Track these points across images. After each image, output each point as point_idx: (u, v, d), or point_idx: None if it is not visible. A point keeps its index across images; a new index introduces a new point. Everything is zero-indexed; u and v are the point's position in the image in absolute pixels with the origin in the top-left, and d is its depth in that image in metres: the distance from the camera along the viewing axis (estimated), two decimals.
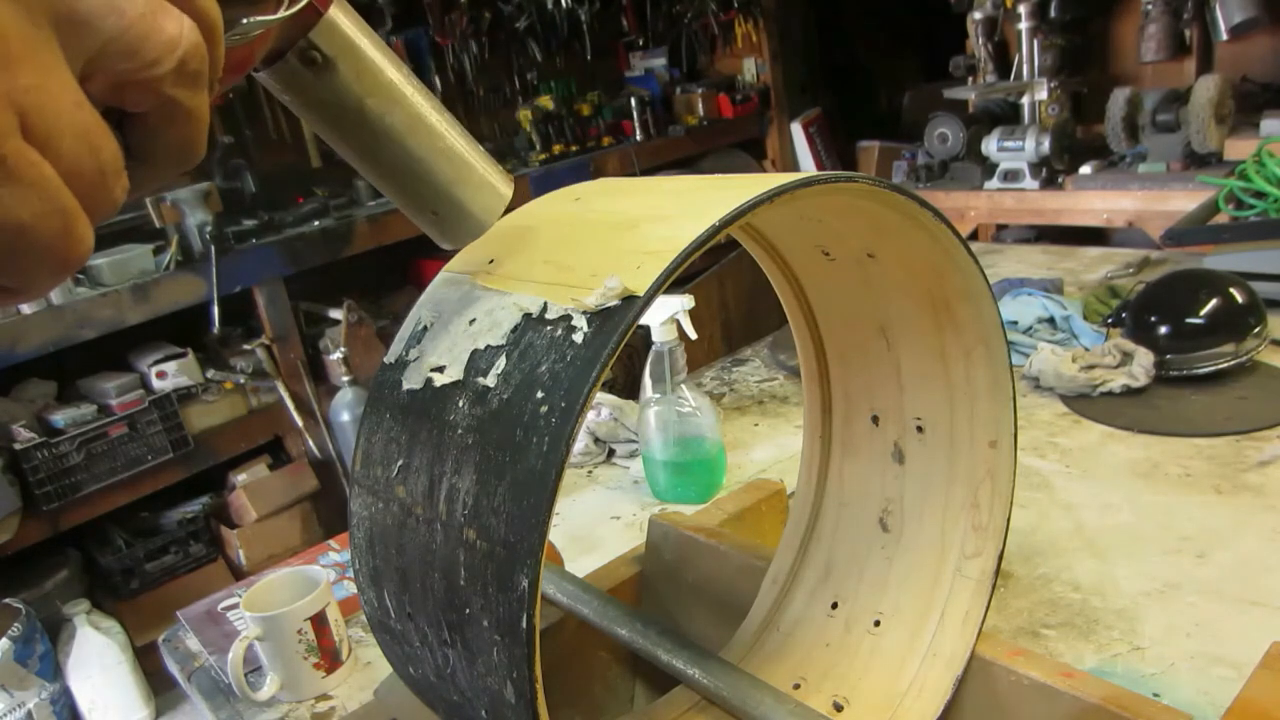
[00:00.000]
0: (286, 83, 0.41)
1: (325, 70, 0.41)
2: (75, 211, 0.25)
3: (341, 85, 0.41)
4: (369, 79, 0.42)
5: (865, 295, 0.63)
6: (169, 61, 0.26)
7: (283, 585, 0.91)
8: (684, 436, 1.12)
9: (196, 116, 0.28)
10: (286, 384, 2.64)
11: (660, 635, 0.67)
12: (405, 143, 0.44)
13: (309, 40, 0.40)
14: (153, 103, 0.27)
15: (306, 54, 0.40)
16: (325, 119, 0.43)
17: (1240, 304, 1.19)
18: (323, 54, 0.40)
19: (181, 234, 2.47)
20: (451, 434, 0.45)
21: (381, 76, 0.42)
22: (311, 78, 0.41)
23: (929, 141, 2.91)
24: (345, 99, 0.42)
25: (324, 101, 0.42)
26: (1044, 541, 0.94)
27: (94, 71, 0.26)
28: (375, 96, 0.42)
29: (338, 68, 0.41)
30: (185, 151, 0.29)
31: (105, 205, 0.26)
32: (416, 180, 0.45)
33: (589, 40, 3.76)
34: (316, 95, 0.41)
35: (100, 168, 0.25)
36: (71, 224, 0.25)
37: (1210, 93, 2.37)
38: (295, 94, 0.41)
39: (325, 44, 0.40)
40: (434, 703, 0.54)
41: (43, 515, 2.22)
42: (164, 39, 0.26)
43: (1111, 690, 0.56)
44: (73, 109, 0.24)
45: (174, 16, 0.26)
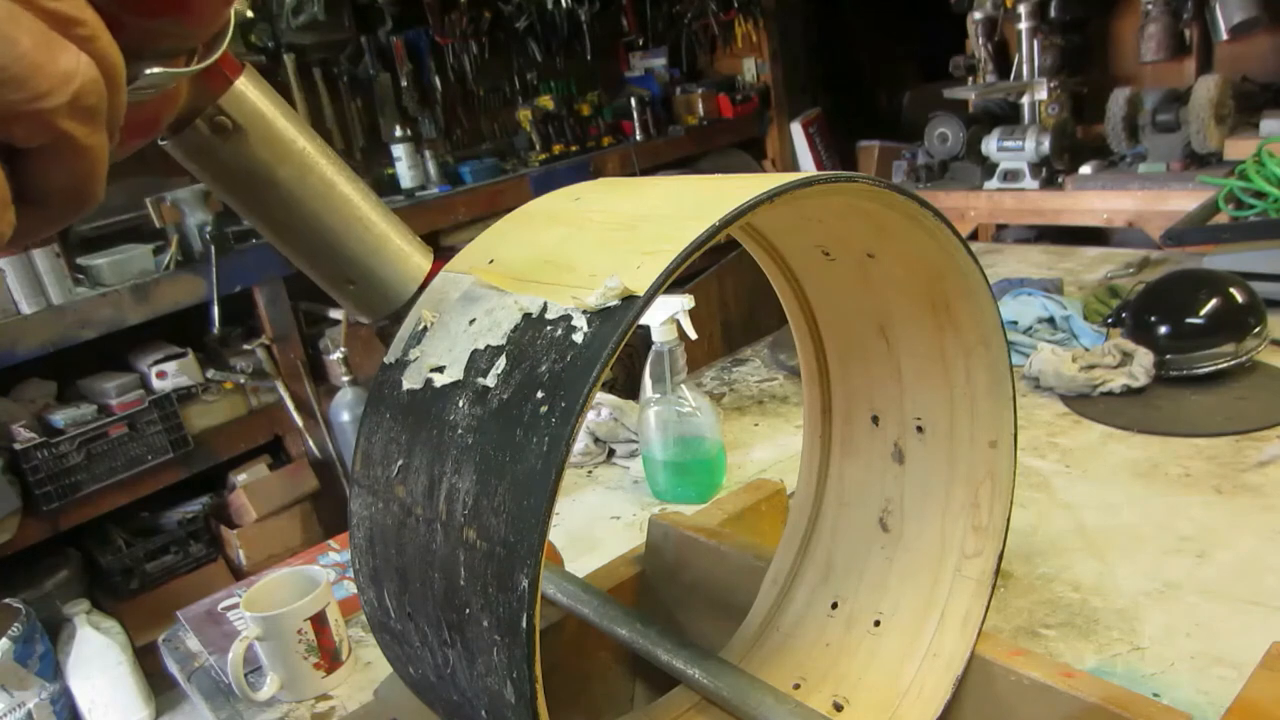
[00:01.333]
0: (195, 150, 0.40)
1: (234, 137, 0.40)
2: None
3: (251, 153, 0.41)
4: (280, 147, 0.41)
5: (865, 295, 0.63)
6: (62, 94, 0.25)
7: (283, 585, 0.91)
8: (684, 436, 1.12)
9: (93, 154, 0.27)
10: (286, 384, 2.64)
11: (660, 635, 0.67)
12: (318, 212, 0.43)
13: (218, 107, 0.39)
14: (45, 137, 0.26)
15: (215, 120, 0.40)
16: (235, 188, 0.42)
17: (1240, 304, 1.19)
18: (233, 120, 0.40)
19: (181, 234, 2.47)
20: (451, 434, 0.45)
21: (293, 145, 0.42)
22: (220, 144, 0.40)
23: (929, 141, 2.91)
24: (255, 167, 0.41)
25: (234, 170, 0.41)
26: (1044, 541, 0.94)
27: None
28: (286, 165, 0.42)
29: (247, 135, 0.40)
30: (80, 191, 0.28)
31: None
32: (330, 250, 0.44)
33: (589, 40, 3.76)
34: (225, 162, 0.41)
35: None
36: None
37: (1210, 93, 2.37)
38: (203, 161, 0.41)
39: (235, 111, 0.40)
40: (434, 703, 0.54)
41: (43, 515, 2.22)
42: (58, 71, 0.25)
43: (1111, 690, 0.56)
44: None
45: (70, 52, 0.26)
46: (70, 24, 0.26)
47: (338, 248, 0.44)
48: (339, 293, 0.47)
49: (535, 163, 3.39)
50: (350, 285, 0.46)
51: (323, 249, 0.44)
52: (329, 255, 0.45)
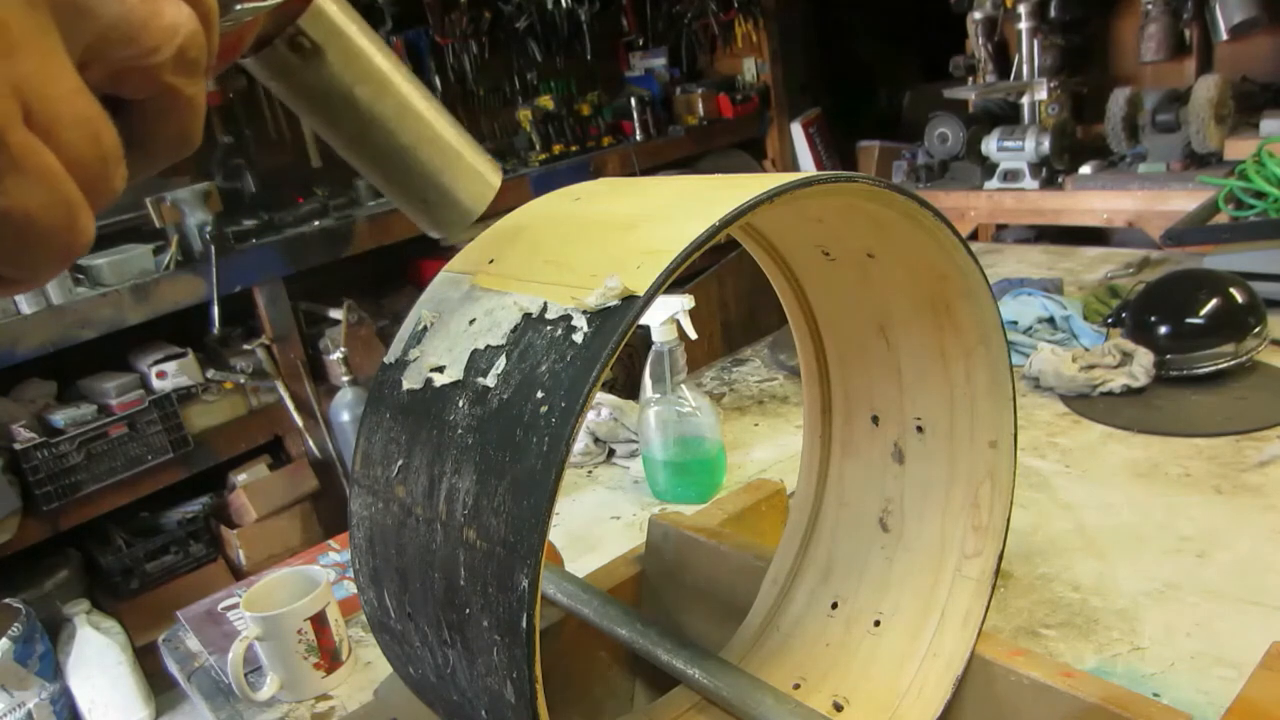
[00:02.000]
0: (274, 70, 0.41)
1: (313, 57, 0.41)
2: (78, 201, 0.24)
3: (329, 72, 0.41)
4: (357, 66, 0.42)
5: (865, 295, 0.63)
6: (168, 49, 0.26)
7: (283, 585, 0.91)
8: (684, 436, 1.12)
9: (194, 105, 0.28)
10: (286, 384, 2.64)
11: (660, 635, 0.67)
12: (393, 130, 0.44)
13: (297, 27, 0.40)
14: (151, 90, 0.27)
15: (294, 41, 0.40)
16: (313, 106, 0.43)
17: (1240, 304, 1.19)
18: (311, 41, 0.40)
19: (181, 234, 2.47)
20: (451, 434, 0.45)
21: (370, 64, 0.42)
22: (299, 64, 0.41)
23: (929, 141, 2.91)
24: (333, 86, 0.42)
25: (312, 88, 0.42)
26: (1044, 541, 0.93)
27: (92, 59, 0.25)
28: (363, 84, 0.42)
29: (325, 55, 0.41)
30: (182, 140, 0.29)
31: (106, 194, 0.26)
32: (405, 168, 0.45)
33: (589, 40, 3.76)
34: (304, 82, 0.41)
35: (101, 156, 0.25)
36: (75, 213, 0.24)
37: (1210, 93, 2.37)
38: (283, 81, 0.41)
39: (313, 31, 0.40)
40: (434, 703, 0.54)
41: (43, 515, 2.22)
42: (164, 25, 0.26)
43: (1111, 690, 0.56)
44: (74, 97, 0.24)
45: (173, 3, 0.26)
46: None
47: (413, 165, 0.45)
48: (411, 208, 0.47)
49: (535, 163, 3.39)
50: (423, 202, 0.47)
51: (398, 167, 0.45)
52: (403, 173, 0.45)
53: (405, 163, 0.45)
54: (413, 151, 0.44)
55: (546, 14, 3.64)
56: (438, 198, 0.46)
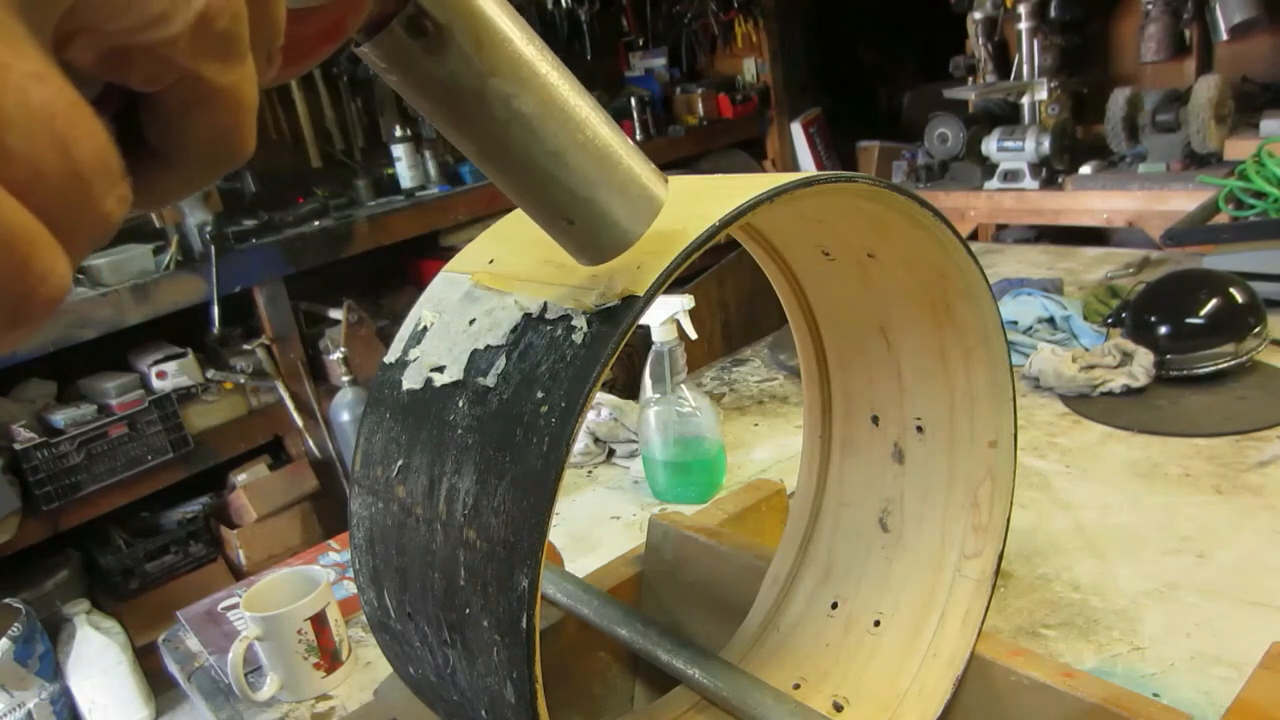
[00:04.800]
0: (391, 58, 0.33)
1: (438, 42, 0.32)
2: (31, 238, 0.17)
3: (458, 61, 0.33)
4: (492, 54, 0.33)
5: (865, 295, 0.63)
6: (181, 18, 0.18)
7: (283, 585, 0.91)
8: (684, 436, 1.12)
9: (233, 98, 0.20)
10: (286, 384, 2.64)
11: (660, 635, 0.67)
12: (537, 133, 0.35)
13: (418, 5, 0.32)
14: (166, 78, 0.19)
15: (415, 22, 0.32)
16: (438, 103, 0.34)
17: (1240, 304, 1.19)
18: (434, 22, 0.32)
19: (181, 234, 2.47)
20: (451, 434, 0.45)
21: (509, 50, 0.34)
22: (421, 52, 0.32)
23: (929, 141, 2.91)
24: (462, 78, 0.33)
25: (436, 81, 0.33)
26: (1044, 541, 0.93)
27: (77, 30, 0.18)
28: (500, 76, 0.34)
29: (453, 39, 0.32)
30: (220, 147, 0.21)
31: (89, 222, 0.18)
32: (549, 181, 0.36)
33: (589, 40, 3.76)
34: (427, 73, 0.33)
35: (73, 170, 0.17)
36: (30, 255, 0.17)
37: (1210, 93, 2.37)
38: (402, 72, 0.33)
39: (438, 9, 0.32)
40: (434, 703, 0.54)
41: (43, 515, 2.22)
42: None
43: (1111, 690, 0.56)
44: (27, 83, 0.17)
45: None
46: None
47: (559, 178, 0.36)
48: (556, 230, 0.39)
49: None
50: (569, 223, 0.38)
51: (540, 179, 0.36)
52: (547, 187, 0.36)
53: (549, 174, 0.36)
54: (559, 160, 0.36)
55: (546, 14, 3.64)
56: (588, 218, 0.38)
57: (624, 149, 0.38)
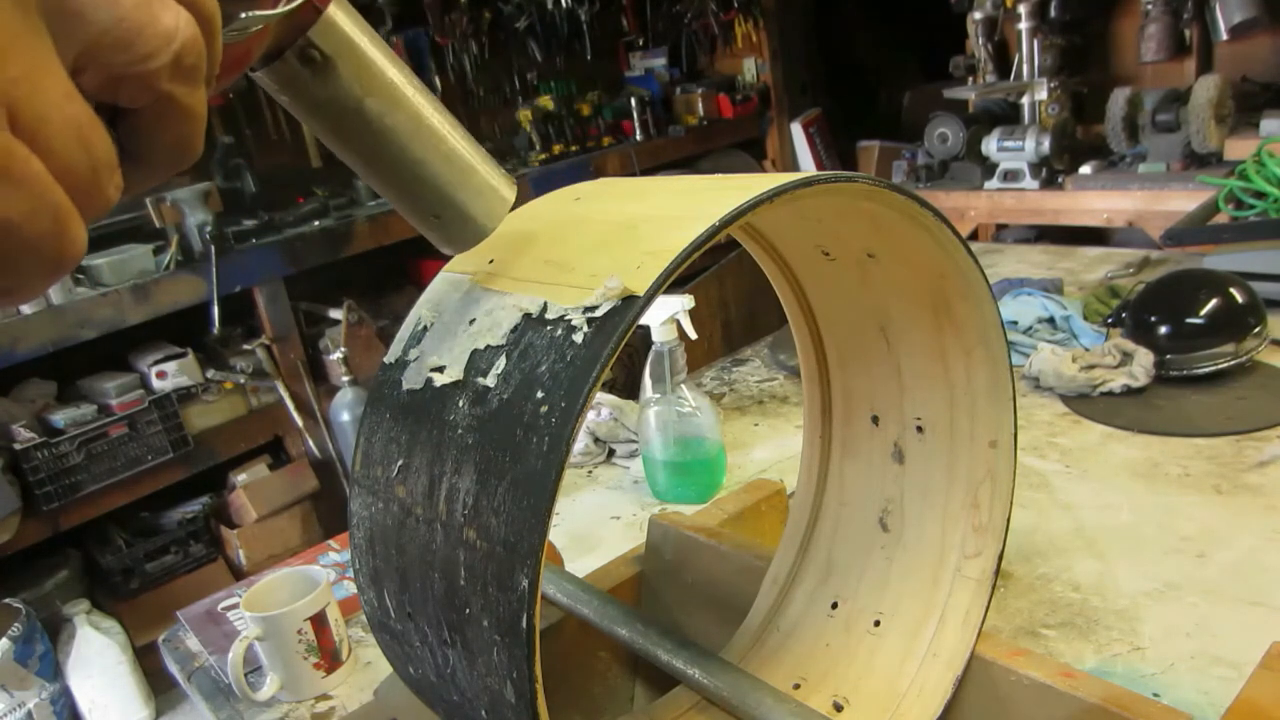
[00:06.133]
0: (284, 83, 0.40)
1: (324, 70, 0.40)
2: (67, 210, 0.24)
3: (341, 85, 0.40)
4: (369, 79, 0.41)
5: (865, 295, 0.63)
6: (164, 55, 0.25)
7: (283, 585, 0.91)
8: (684, 436, 1.12)
9: (193, 113, 0.28)
10: (286, 384, 2.64)
11: (660, 635, 0.67)
12: (406, 145, 0.43)
13: (308, 39, 0.39)
14: (148, 98, 0.26)
15: (305, 53, 0.39)
16: (324, 120, 0.42)
17: (1240, 304, 1.19)
18: (321, 53, 0.39)
19: (181, 234, 2.47)
20: (451, 434, 0.45)
21: (382, 76, 0.41)
22: (310, 77, 0.40)
23: (929, 141, 2.91)
24: (344, 99, 0.41)
25: (323, 102, 0.41)
26: (1044, 541, 0.93)
27: (86, 65, 0.25)
28: (375, 97, 0.41)
29: (337, 67, 0.40)
30: (182, 149, 0.28)
31: (98, 203, 0.25)
32: (418, 184, 0.44)
33: (589, 40, 3.76)
34: (315, 95, 0.41)
35: (92, 164, 0.24)
36: (64, 223, 0.24)
37: (1210, 93, 2.37)
38: (293, 94, 0.41)
39: (324, 42, 0.39)
40: (434, 703, 0.54)
41: (43, 515, 2.22)
42: (160, 31, 0.25)
43: (1111, 690, 0.56)
44: (64, 102, 0.23)
45: (170, 9, 0.26)
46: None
47: (426, 181, 0.44)
48: (423, 224, 0.47)
49: (535, 163, 3.39)
50: (435, 218, 0.46)
51: (410, 183, 0.44)
52: (416, 189, 0.44)
53: (418, 178, 0.44)
54: (426, 166, 0.44)
55: (546, 14, 3.64)
56: (451, 213, 0.45)
57: (478, 158, 0.46)
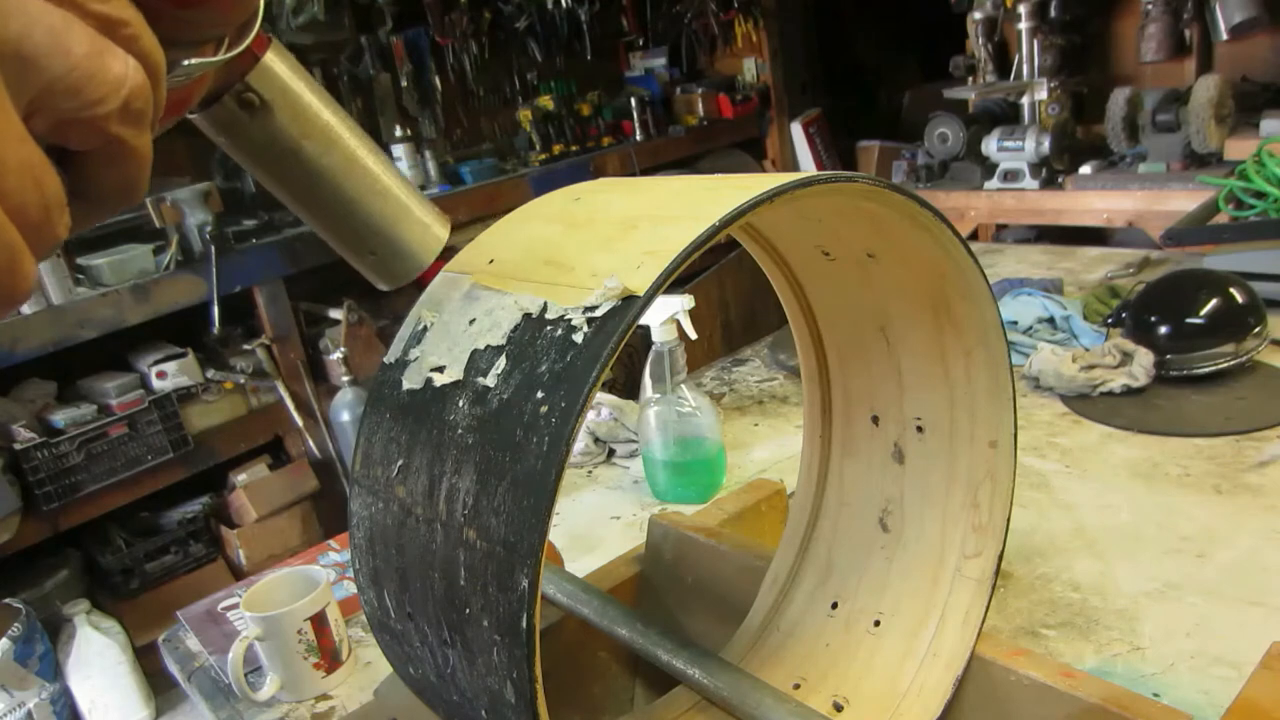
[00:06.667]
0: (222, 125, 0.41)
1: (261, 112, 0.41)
2: (20, 247, 0.24)
3: (277, 127, 0.42)
4: (305, 121, 0.42)
5: (865, 295, 0.63)
6: (114, 101, 0.26)
7: (283, 585, 0.91)
8: (684, 436, 1.12)
9: (139, 155, 0.29)
10: (286, 384, 2.64)
11: (660, 635, 0.67)
12: (341, 184, 0.44)
13: (245, 83, 0.40)
14: (97, 141, 0.27)
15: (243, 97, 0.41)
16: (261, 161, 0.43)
17: (1240, 304, 1.19)
18: (259, 96, 0.41)
19: (181, 234, 2.47)
20: (451, 434, 0.45)
21: (317, 119, 0.43)
22: (247, 120, 0.41)
23: (929, 141, 2.91)
24: (281, 141, 0.42)
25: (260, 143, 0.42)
26: (1044, 541, 0.94)
27: (38, 109, 0.26)
28: (311, 139, 0.43)
29: (274, 110, 0.41)
30: (128, 189, 0.29)
31: (48, 240, 0.26)
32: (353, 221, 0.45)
33: (589, 40, 3.76)
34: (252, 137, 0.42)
35: (44, 204, 0.25)
36: (17, 260, 0.24)
37: (1210, 93, 2.37)
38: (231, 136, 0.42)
39: (262, 87, 0.41)
40: (434, 703, 0.54)
41: (43, 515, 2.22)
42: (110, 78, 0.26)
43: (1111, 690, 0.56)
44: (18, 146, 0.24)
45: (119, 57, 0.26)
46: (116, 25, 0.27)
47: (359, 218, 0.46)
48: (359, 261, 0.48)
49: (535, 163, 3.39)
50: (371, 254, 0.47)
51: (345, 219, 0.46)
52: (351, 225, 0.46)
53: (353, 216, 0.45)
54: (360, 204, 0.45)
55: (546, 14, 3.64)
56: (385, 250, 0.47)
57: (411, 197, 0.47)
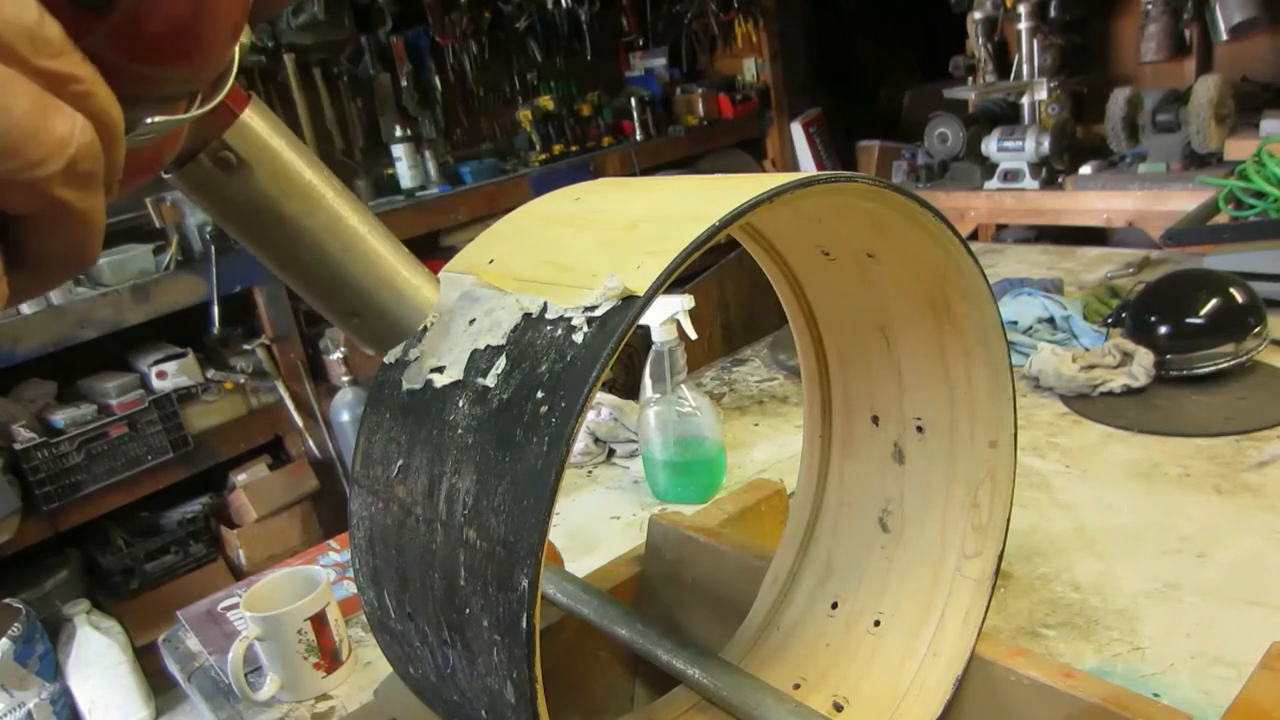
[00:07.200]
0: (199, 185, 0.39)
1: (239, 172, 0.39)
2: None
3: (257, 187, 0.40)
4: (285, 181, 0.41)
5: (865, 295, 0.63)
6: (56, 162, 0.24)
7: (283, 585, 0.91)
8: (684, 436, 1.12)
9: (87, 219, 0.26)
10: (286, 384, 2.64)
11: (660, 635, 0.67)
12: (324, 246, 0.42)
13: (223, 141, 0.38)
14: (39, 205, 0.25)
15: (220, 155, 0.39)
16: (240, 222, 0.41)
17: (1240, 304, 1.19)
18: (237, 155, 0.39)
19: (181, 234, 2.47)
20: (451, 434, 0.45)
21: (299, 178, 0.41)
22: (225, 179, 0.39)
23: (929, 141, 2.91)
24: (260, 201, 0.40)
25: (238, 204, 0.40)
26: (1044, 541, 0.93)
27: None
28: (292, 199, 0.41)
29: (253, 169, 0.40)
30: (74, 256, 0.27)
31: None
32: (336, 284, 0.44)
33: (589, 40, 3.76)
34: (230, 197, 0.40)
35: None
36: None
37: (1210, 93, 2.36)
38: (208, 196, 0.40)
39: (239, 145, 0.39)
40: (434, 703, 0.54)
41: (43, 515, 2.22)
42: (53, 138, 0.24)
43: (1111, 690, 0.56)
44: None
45: (65, 115, 0.24)
46: (65, 82, 0.25)
47: (344, 281, 0.44)
48: (344, 325, 0.46)
49: (535, 163, 3.39)
50: (355, 318, 0.45)
51: (328, 283, 0.44)
52: (334, 289, 0.44)
53: (336, 279, 0.44)
54: (344, 268, 0.43)
55: (546, 14, 3.64)
56: (371, 313, 0.45)
57: (398, 258, 0.45)
